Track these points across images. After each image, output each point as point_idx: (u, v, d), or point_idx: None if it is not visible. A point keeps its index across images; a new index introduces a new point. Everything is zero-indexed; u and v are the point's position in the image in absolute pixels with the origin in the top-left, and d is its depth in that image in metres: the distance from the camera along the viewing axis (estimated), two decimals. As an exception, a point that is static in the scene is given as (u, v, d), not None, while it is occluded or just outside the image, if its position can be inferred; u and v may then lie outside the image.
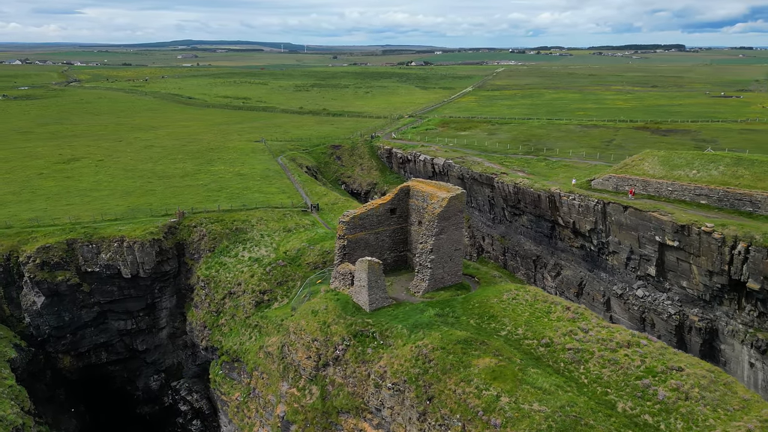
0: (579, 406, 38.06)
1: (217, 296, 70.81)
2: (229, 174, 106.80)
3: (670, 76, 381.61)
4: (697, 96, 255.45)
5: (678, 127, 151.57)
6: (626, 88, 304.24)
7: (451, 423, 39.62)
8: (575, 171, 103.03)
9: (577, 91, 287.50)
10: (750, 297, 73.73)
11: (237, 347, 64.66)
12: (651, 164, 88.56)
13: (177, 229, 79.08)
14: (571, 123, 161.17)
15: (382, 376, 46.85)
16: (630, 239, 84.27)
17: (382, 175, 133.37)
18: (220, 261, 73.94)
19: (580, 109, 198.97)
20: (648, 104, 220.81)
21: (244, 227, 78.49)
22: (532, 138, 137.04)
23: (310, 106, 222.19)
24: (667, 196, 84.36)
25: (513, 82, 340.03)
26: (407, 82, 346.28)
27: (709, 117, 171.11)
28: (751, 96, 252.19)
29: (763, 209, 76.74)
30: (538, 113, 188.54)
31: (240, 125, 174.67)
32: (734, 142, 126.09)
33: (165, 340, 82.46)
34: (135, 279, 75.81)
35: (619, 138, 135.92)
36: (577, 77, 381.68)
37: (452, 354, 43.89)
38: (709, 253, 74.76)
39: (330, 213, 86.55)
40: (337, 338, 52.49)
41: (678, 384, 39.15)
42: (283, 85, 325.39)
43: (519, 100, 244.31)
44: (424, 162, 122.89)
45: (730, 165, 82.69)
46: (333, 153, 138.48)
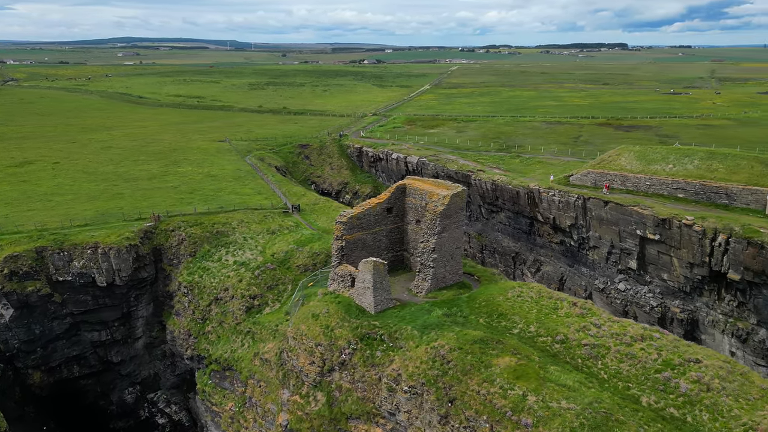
0: (605, 402, 38.22)
1: (202, 303, 68.36)
2: (198, 175, 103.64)
3: (618, 74, 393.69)
4: (648, 93, 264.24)
5: (639, 123, 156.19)
6: (579, 85, 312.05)
7: (478, 424, 39.16)
8: (550, 167, 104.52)
9: (532, 88, 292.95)
10: (729, 287, 76.30)
11: (228, 355, 62.53)
12: (628, 159, 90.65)
13: (153, 233, 76.04)
14: (535, 120, 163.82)
15: (396, 380, 46.02)
16: (611, 234, 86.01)
17: (352, 174, 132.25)
18: (203, 266, 71.45)
19: (540, 107, 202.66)
20: (604, 101, 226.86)
21: (225, 230, 76.15)
22: (501, 135, 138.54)
23: (270, 105, 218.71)
24: (645, 190, 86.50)
25: (469, 80, 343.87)
26: (363, 80, 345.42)
27: (666, 113, 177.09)
28: (699, 93, 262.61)
29: (739, 201, 79.58)
30: (500, 111, 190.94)
31: (199, 125, 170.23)
32: (694, 137, 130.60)
33: (141, 350, 79.20)
34: (110, 287, 72.45)
35: (585, 134, 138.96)
36: (530, 75, 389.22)
37: (470, 354, 43.44)
38: (690, 245, 76.98)
39: (312, 214, 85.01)
40: (342, 342, 51.32)
41: (698, 376, 39.81)
42: (237, 84, 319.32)
43: (478, 98, 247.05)
44: (397, 160, 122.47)
45: (704, 159, 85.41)
46: (301, 152, 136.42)
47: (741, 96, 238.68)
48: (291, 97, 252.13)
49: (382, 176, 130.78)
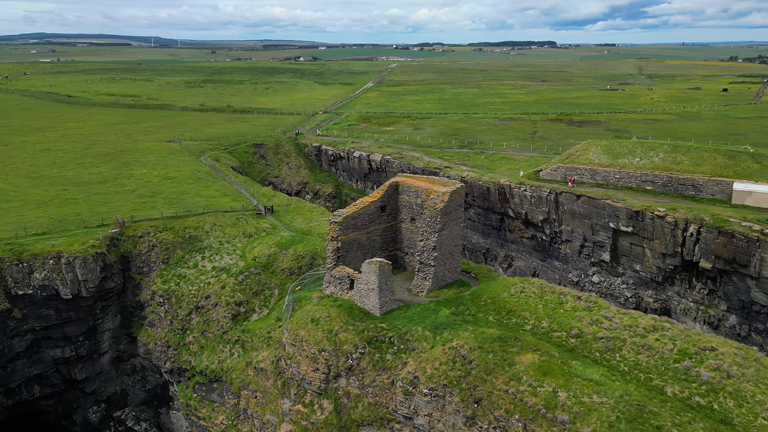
0: (634, 394, 38.75)
1: (181, 312, 65.15)
2: (155, 178, 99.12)
3: (554, 71, 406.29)
4: (586, 89, 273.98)
5: (588, 119, 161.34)
6: (518, 82, 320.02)
7: (510, 424, 38.88)
8: (515, 163, 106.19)
9: (475, 86, 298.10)
10: (700, 276, 79.67)
11: (215, 366, 59.84)
12: (595, 153, 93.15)
13: (120, 240, 71.97)
14: (488, 117, 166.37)
15: (413, 383, 45.17)
16: (583, 227, 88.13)
17: (311, 173, 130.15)
18: (179, 273, 68.14)
19: (488, 104, 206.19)
20: (547, 97, 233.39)
21: (198, 235, 72.97)
22: (459, 132, 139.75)
23: (212, 103, 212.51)
24: (615, 183, 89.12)
25: (410, 78, 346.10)
26: (303, 77, 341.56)
27: (610, 108, 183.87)
28: (634, 89, 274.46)
29: (705, 192, 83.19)
30: (450, 108, 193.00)
31: (141, 125, 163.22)
32: (645, 131, 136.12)
33: (107, 365, 74.87)
34: (76, 299, 68.00)
35: (540, 130, 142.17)
36: (470, 73, 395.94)
37: (491, 353, 43.16)
38: (662, 236, 79.84)
39: (286, 215, 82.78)
40: (348, 347, 50.00)
41: (718, 363, 40.99)
42: (171, 82, 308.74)
43: (423, 96, 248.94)
44: (359, 159, 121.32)
45: (669, 152, 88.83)
46: (256, 152, 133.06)
47: (674, 92, 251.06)
48: (233, 95, 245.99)
49: (343, 175, 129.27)
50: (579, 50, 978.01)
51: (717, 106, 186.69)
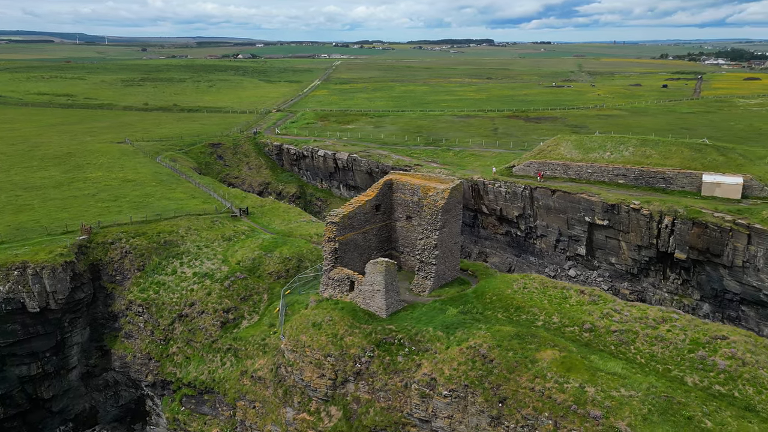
0: (659, 386, 39.40)
1: (163, 322, 62.16)
2: (114, 181, 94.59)
3: (498, 69, 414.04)
4: (533, 86, 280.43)
5: (544, 115, 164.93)
6: (465, 80, 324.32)
7: (539, 422, 38.79)
8: (484, 159, 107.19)
9: (423, 83, 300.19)
10: (674, 267, 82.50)
11: (205, 377, 57.38)
12: (567, 148, 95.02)
13: (88, 247, 68.12)
14: (445, 114, 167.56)
15: (430, 384, 44.52)
16: (558, 222, 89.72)
17: (273, 173, 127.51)
18: (157, 281, 65.03)
19: (441, 101, 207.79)
20: (497, 95, 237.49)
21: (173, 239, 69.90)
22: (421, 129, 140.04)
23: (156, 102, 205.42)
24: (587, 178, 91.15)
25: (357, 76, 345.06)
26: (247, 75, 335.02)
27: (562, 105, 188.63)
28: (578, 85, 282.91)
29: (675, 185, 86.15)
30: (404, 106, 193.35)
31: (83, 125, 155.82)
32: (601, 126, 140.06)
33: (76, 382, 70.71)
34: (43, 312, 63.84)
35: (501, 127, 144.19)
36: (415, 71, 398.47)
37: (511, 350, 43.03)
38: (638, 228, 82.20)
39: (263, 217, 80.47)
40: (355, 350, 48.88)
41: (732, 352, 42.20)
42: (107, 80, 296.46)
43: (374, 93, 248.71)
44: (325, 157, 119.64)
45: (638, 146, 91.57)
46: (213, 152, 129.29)
47: (617, 88, 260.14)
48: (176, 94, 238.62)
49: (306, 175, 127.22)
50: (517, 48, 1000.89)
51: (662, 102, 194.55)
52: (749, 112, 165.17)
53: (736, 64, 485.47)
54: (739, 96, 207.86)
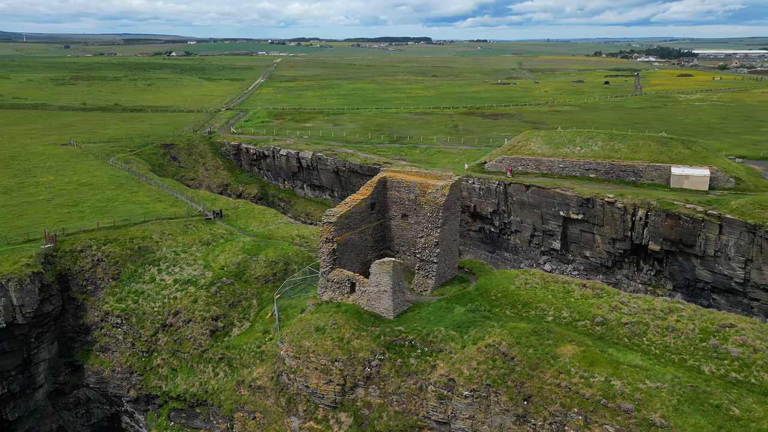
0: (681, 376, 40.20)
1: (145, 332, 59.06)
2: (69, 185, 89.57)
3: (441, 66, 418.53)
4: (479, 84, 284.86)
5: (499, 112, 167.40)
6: (411, 77, 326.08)
7: (568, 418, 38.85)
8: (452, 156, 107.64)
9: (370, 81, 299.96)
10: (648, 258, 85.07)
11: (197, 389, 54.87)
12: (537, 144, 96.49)
13: (55, 257, 64.09)
14: (401, 111, 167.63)
15: (448, 386, 43.95)
16: (533, 217, 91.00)
17: (232, 174, 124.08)
18: (135, 289, 61.76)
19: (394, 99, 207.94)
20: (446, 92, 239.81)
21: (148, 245, 66.64)
22: (381, 127, 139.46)
23: (95, 102, 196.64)
24: (559, 173, 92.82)
25: (300, 73, 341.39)
26: (185, 73, 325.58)
27: (513, 101, 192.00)
28: (523, 82, 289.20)
29: (645, 178, 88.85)
30: (357, 103, 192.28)
31: (19, 127, 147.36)
32: (558, 122, 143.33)
33: (43, 401, 66.46)
34: (10, 328, 59.55)
35: (460, 124, 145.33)
36: (358, 68, 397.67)
37: (531, 347, 42.99)
38: (612, 221, 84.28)
39: (238, 219, 77.90)
40: (364, 354, 47.81)
41: (742, 339, 43.57)
42: (34, 79, 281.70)
43: (323, 91, 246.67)
44: (287, 157, 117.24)
45: (606, 140, 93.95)
46: (167, 153, 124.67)
47: (561, 85, 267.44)
48: (114, 93, 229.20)
49: (267, 175, 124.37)
50: (454, 46, 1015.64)
51: (608, 98, 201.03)
52: (692, 106, 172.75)
53: (666, 61, 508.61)
54: (678, 92, 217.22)
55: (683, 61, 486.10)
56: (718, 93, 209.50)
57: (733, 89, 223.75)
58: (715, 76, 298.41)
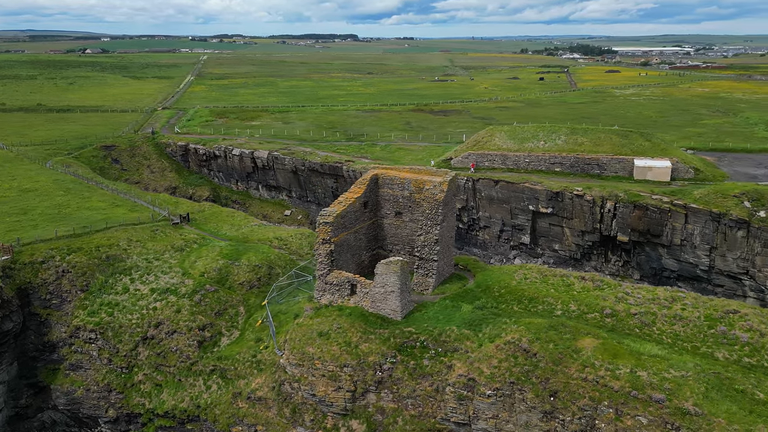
0: (701, 363, 41.31)
1: (124, 347, 55.41)
2: (10, 192, 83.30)
3: (375, 63, 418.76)
4: (417, 81, 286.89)
5: (447, 108, 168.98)
6: (346, 75, 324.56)
7: (599, 412, 39.11)
8: (414, 153, 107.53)
9: (305, 78, 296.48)
10: (616, 249, 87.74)
11: (187, 404, 51.94)
12: (501, 139, 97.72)
13: (13, 269, 59.27)
14: (349, 109, 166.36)
15: (468, 386, 43.44)
16: (502, 212, 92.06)
17: (180, 176, 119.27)
18: (109, 301, 57.87)
19: (336, 96, 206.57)
20: (386, 89, 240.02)
21: (116, 254, 62.66)
22: (333, 125, 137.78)
23: (14, 102, 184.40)
24: (525, 167, 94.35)
25: (231, 71, 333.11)
26: (107, 71, 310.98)
27: (454, 98, 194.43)
28: (460, 79, 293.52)
29: (609, 170, 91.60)
30: (298, 101, 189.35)
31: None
32: (507, 117, 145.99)
33: (2, 428, 61.45)
34: (-34, 350, 54.76)
35: (412, 120, 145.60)
36: (291, 66, 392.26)
37: (551, 342, 43.10)
38: (581, 214, 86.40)
39: (207, 223, 74.60)
40: (374, 358, 46.66)
41: (748, 325, 45.24)
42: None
43: (259, 89, 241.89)
44: (241, 157, 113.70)
45: (569, 134, 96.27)
46: (107, 155, 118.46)
47: (497, 81, 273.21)
48: (33, 92, 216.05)
49: (218, 176, 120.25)
50: (381, 43, 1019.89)
51: (549, 93, 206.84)
52: (630, 101, 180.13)
53: (590, 58, 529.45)
54: (612, 87, 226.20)
55: (606, 58, 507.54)
56: (649, 88, 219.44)
57: (661, 84, 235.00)
58: (640, 72, 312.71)
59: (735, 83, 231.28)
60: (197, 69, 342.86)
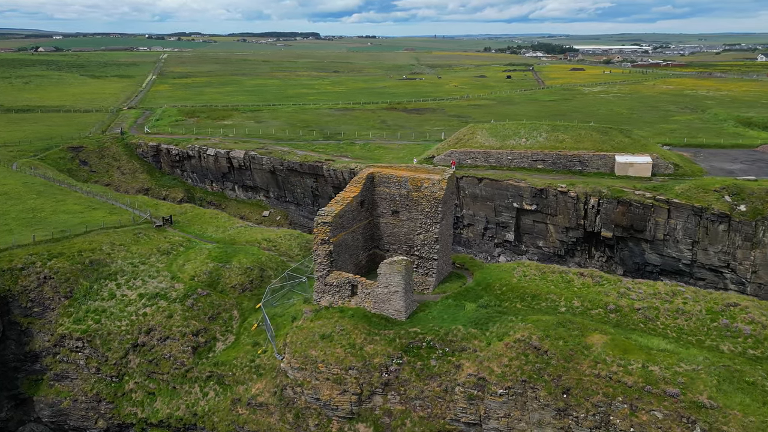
0: (712, 357, 41.90)
1: (113, 355, 53.57)
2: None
3: (340, 62, 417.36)
4: (385, 79, 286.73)
5: (420, 106, 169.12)
6: (312, 73, 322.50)
7: (613, 408, 39.30)
8: (394, 151, 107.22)
9: (271, 77, 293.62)
10: (599, 245, 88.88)
11: (183, 412, 50.49)
12: (483, 136, 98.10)
13: (-9, 276, 56.85)
14: (321, 108, 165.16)
15: (478, 385, 43.25)
16: (486, 210, 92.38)
17: (152, 178, 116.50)
18: (95, 308, 55.88)
19: (306, 95, 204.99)
20: (356, 87, 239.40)
21: (100, 258, 60.61)
22: (308, 123, 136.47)
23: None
24: (508, 164, 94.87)
25: (193, 70, 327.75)
26: (64, 70, 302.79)
27: (430, 96, 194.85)
28: (428, 78, 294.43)
29: (591, 167, 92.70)
30: (268, 99, 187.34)
31: None
32: (481, 115, 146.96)
33: (-21, 443, 59.01)
34: (-56, 363, 52.25)
35: (388, 119, 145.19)
36: (254, 64, 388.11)
37: (561, 339, 43.21)
38: (565, 211, 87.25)
39: (191, 225, 72.76)
40: (380, 359, 46.11)
41: (750, 317, 46.10)
42: None
43: (225, 87, 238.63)
44: (216, 157, 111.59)
45: (550, 131, 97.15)
46: (75, 157, 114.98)
47: (465, 80, 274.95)
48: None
49: (192, 177, 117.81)
50: (344, 42, 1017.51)
51: (519, 91, 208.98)
52: (599, 98, 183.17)
53: (553, 56, 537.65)
54: (580, 85, 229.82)
55: (569, 56, 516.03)
56: (616, 86, 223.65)
57: (627, 82, 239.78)
58: (605, 70, 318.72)
59: (698, 80, 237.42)
60: (158, 68, 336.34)
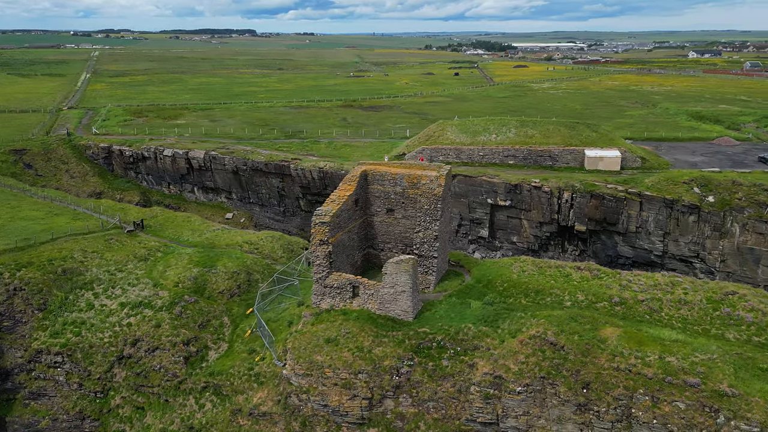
0: (721, 345, 42.96)
1: (97, 369, 50.59)
2: None
3: (282, 59, 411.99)
4: (332, 77, 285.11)
5: (376, 104, 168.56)
6: (255, 71, 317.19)
7: (635, 400, 39.73)
8: (362, 149, 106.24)
9: (213, 75, 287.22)
10: (572, 239, 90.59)
11: (177, 426, 48.08)
12: (453, 133, 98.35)
13: (-46, 290, 52.86)
14: (275, 105, 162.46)
15: (495, 384, 42.96)
16: (460, 206, 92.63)
17: (104, 181, 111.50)
18: (73, 320, 52.67)
19: (256, 92, 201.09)
20: (304, 85, 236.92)
21: (73, 267, 57.23)
22: (266, 122, 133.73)
23: None
24: (479, 160, 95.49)
25: (130, 68, 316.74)
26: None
27: (382, 93, 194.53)
28: (376, 75, 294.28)
29: (561, 161, 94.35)
30: (217, 98, 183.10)
31: None
32: (440, 112, 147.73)
33: (-58, 472, 54.82)
34: None
35: (348, 116, 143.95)
36: (193, 62, 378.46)
37: (575, 334, 43.45)
38: (539, 206, 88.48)
39: (164, 229, 69.69)
40: (390, 362, 45.26)
41: (750, 305, 47.59)
42: None
43: (167, 86, 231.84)
44: (174, 158, 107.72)
45: (519, 127, 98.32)
46: (18, 160, 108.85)
47: (414, 77, 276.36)
48: None
49: (147, 179, 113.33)
50: (281, 39, 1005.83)
51: (471, 88, 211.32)
52: (550, 95, 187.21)
53: (494, 53, 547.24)
54: (528, 81, 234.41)
55: (510, 54, 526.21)
56: (563, 82, 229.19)
57: (572, 78, 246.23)
58: (548, 67, 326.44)
59: (640, 77, 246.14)
60: (91, 66, 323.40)
